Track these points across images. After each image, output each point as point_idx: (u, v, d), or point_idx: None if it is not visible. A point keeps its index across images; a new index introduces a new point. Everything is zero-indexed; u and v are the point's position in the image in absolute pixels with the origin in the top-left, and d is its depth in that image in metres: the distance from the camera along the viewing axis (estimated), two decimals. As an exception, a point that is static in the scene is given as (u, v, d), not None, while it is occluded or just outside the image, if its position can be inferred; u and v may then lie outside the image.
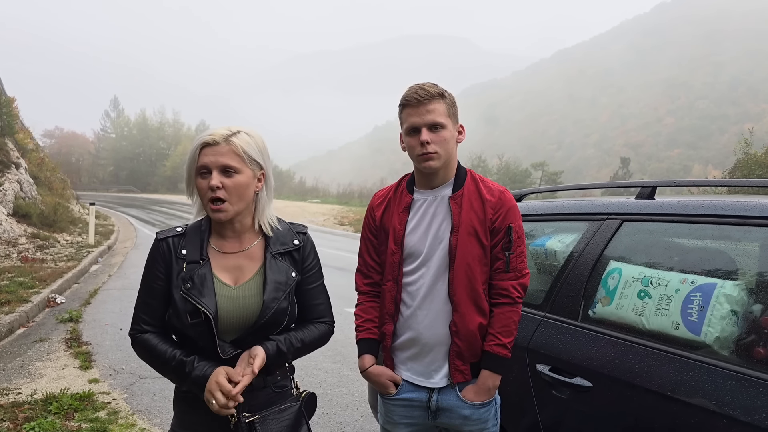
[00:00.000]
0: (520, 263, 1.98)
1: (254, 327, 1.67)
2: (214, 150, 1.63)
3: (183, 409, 1.75)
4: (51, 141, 73.35)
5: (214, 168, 1.63)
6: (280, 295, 1.70)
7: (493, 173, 47.00)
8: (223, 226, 1.72)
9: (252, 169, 1.68)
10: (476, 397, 1.97)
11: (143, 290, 1.73)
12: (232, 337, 1.67)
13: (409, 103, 1.95)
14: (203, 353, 1.65)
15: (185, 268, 1.67)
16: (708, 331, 1.81)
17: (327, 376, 5.01)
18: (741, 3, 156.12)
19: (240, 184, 1.65)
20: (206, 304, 1.62)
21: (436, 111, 1.92)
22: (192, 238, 1.72)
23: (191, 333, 1.64)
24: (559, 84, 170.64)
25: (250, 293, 1.69)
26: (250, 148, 1.66)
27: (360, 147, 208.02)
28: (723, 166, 34.48)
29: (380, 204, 2.13)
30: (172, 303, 1.66)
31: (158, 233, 1.75)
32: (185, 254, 1.69)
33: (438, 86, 1.98)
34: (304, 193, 51.31)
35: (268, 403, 1.71)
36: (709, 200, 2.10)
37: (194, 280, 1.64)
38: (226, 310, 1.65)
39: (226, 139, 1.64)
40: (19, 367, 5.24)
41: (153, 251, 1.72)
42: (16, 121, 19.68)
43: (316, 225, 22.65)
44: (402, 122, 2.00)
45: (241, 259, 1.73)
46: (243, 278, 1.71)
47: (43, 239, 13.69)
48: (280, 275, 1.72)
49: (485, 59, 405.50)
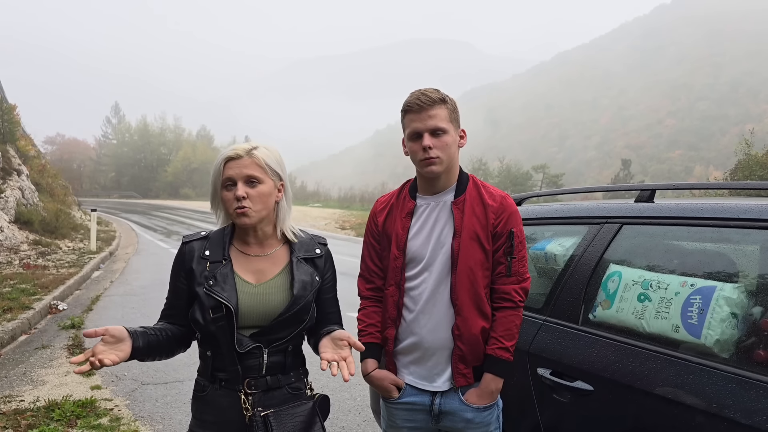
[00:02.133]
0: (521, 267, 2.00)
1: (277, 320, 1.74)
2: (237, 163, 1.74)
3: (199, 408, 1.81)
4: (52, 148, 73.58)
5: (239, 179, 1.74)
6: (307, 293, 1.80)
7: (494, 176, 46.95)
8: (246, 232, 1.82)
9: (273, 180, 1.79)
10: (479, 401, 1.98)
11: (170, 291, 1.85)
12: (251, 331, 1.75)
13: (411, 109, 1.97)
14: (221, 348, 1.73)
15: (208, 267, 1.77)
16: (708, 334, 1.81)
17: (330, 380, 5.00)
18: (741, 4, 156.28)
19: (263, 193, 1.75)
20: (227, 298, 1.71)
21: (437, 116, 1.94)
22: (216, 241, 1.83)
23: (212, 328, 1.71)
24: (560, 86, 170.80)
25: (271, 291, 1.78)
26: (270, 160, 1.77)
27: (361, 151, 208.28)
28: (724, 167, 34.45)
29: (383, 210, 2.15)
30: (197, 300, 1.75)
31: (183, 237, 1.87)
32: (209, 255, 1.79)
33: (440, 91, 1.99)
34: (305, 198, 51.34)
35: (283, 403, 1.77)
36: (709, 203, 2.10)
37: (217, 277, 1.74)
38: (247, 305, 1.74)
39: (248, 153, 1.75)
40: (22, 374, 5.25)
41: (179, 254, 1.84)
42: (18, 129, 19.77)
43: (317, 229, 22.65)
44: (404, 127, 2.02)
45: (263, 262, 1.82)
46: (265, 278, 1.80)
47: (45, 246, 13.72)
48: (306, 276, 1.82)
49: (486, 63, 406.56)
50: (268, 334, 1.75)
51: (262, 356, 1.74)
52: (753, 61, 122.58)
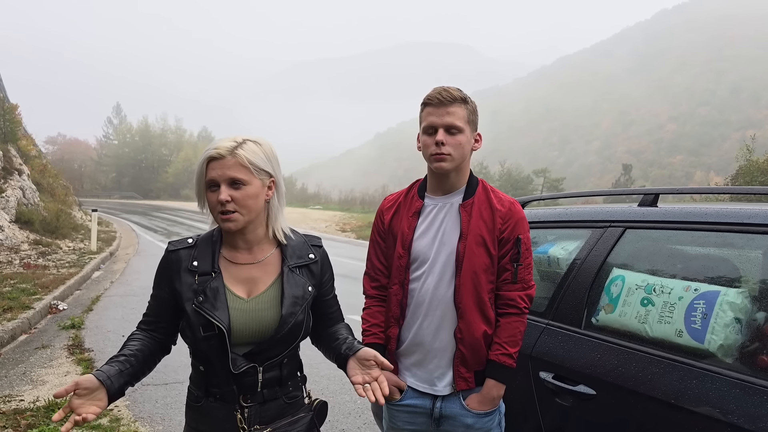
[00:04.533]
0: (527, 275, 2.01)
1: (270, 341, 1.65)
2: (220, 164, 1.61)
3: (194, 418, 1.74)
4: (53, 148, 73.62)
5: (221, 182, 1.61)
6: (297, 309, 1.68)
7: (495, 180, 46.96)
8: (235, 236, 1.69)
9: (260, 179, 1.65)
10: (480, 406, 1.98)
11: (152, 296, 1.74)
12: (244, 350, 1.65)
13: (430, 103, 1.97)
14: (215, 366, 1.64)
15: (197, 280, 1.65)
16: (711, 339, 1.81)
17: (329, 383, 5.00)
18: (742, 9, 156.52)
19: (249, 195, 1.62)
20: (219, 318, 1.60)
21: (455, 114, 1.94)
22: (203, 249, 1.70)
23: (203, 347, 1.62)
24: (561, 91, 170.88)
25: (264, 306, 1.66)
26: (256, 157, 1.63)
27: (362, 153, 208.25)
28: (725, 173, 34.45)
29: (390, 208, 2.15)
30: (185, 316, 1.64)
31: (169, 244, 1.74)
32: (197, 266, 1.67)
33: (462, 91, 2.00)
34: (305, 200, 51.35)
35: (280, 415, 1.70)
36: (712, 208, 2.09)
37: (206, 293, 1.62)
38: (239, 323, 1.63)
39: (231, 152, 1.61)
40: (22, 374, 5.24)
41: (162, 262, 1.72)
42: (19, 128, 19.79)
43: (318, 232, 22.65)
44: (421, 121, 2.02)
45: (254, 270, 1.70)
46: (256, 290, 1.68)
47: (46, 246, 13.72)
48: (297, 289, 1.70)
49: (487, 66, 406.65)
50: (263, 353, 1.65)
51: (257, 374, 1.65)
52: (754, 66, 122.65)
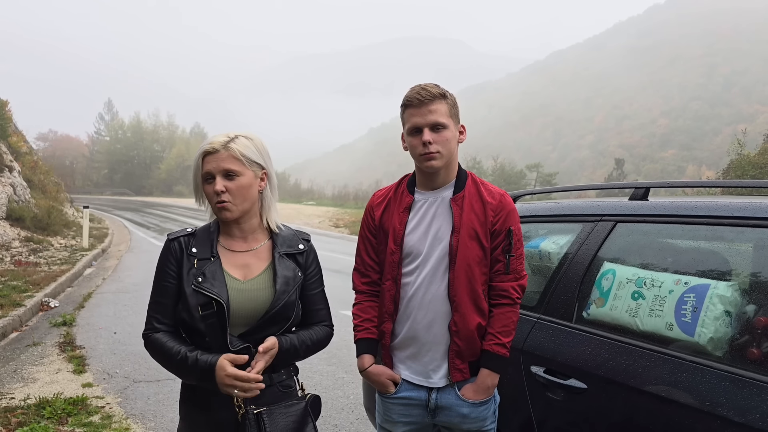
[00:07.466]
0: (519, 265, 2.02)
1: (263, 318, 1.74)
2: (215, 157, 1.74)
3: (189, 411, 1.80)
4: (45, 144, 73.19)
5: (216, 173, 1.73)
6: (290, 288, 1.80)
7: (488, 174, 47.02)
8: (231, 225, 1.82)
9: (253, 171, 1.77)
10: (475, 396, 1.99)
11: (155, 290, 1.79)
12: (240, 331, 1.73)
13: (411, 104, 1.97)
14: (211, 348, 1.70)
15: (196, 264, 1.75)
16: (702, 332, 1.81)
17: (322, 378, 4.99)
18: (734, 4, 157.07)
19: (242, 186, 1.75)
20: (218, 293, 1.70)
21: (438, 111, 1.94)
22: (202, 238, 1.82)
23: (201, 326, 1.70)
24: (554, 86, 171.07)
25: (259, 287, 1.77)
26: (248, 150, 1.76)
27: (355, 149, 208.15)
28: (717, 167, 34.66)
29: (380, 203, 2.14)
30: (183, 298, 1.72)
31: (169, 234, 1.84)
32: (196, 252, 1.78)
33: (440, 87, 2.00)
34: (299, 196, 51.32)
35: (274, 401, 1.76)
36: (703, 201, 2.10)
37: (206, 274, 1.73)
38: (236, 302, 1.73)
39: (224, 146, 1.73)
40: (12, 372, 5.21)
41: (164, 251, 1.80)
42: (10, 124, 19.62)
43: (311, 227, 22.63)
44: (404, 122, 2.02)
45: (249, 257, 1.82)
46: (251, 274, 1.79)
47: (37, 243, 13.64)
48: (288, 272, 1.82)
49: (480, 61, 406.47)
50: (257, 333, 1.74)
51: (252, 356, 1.71)
52: (746, 61, 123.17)
